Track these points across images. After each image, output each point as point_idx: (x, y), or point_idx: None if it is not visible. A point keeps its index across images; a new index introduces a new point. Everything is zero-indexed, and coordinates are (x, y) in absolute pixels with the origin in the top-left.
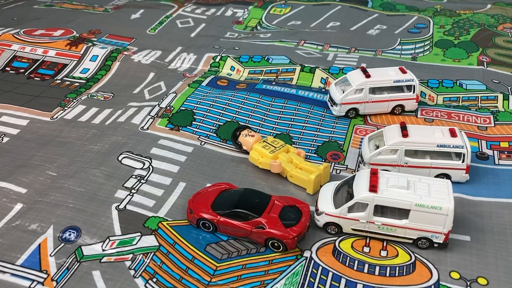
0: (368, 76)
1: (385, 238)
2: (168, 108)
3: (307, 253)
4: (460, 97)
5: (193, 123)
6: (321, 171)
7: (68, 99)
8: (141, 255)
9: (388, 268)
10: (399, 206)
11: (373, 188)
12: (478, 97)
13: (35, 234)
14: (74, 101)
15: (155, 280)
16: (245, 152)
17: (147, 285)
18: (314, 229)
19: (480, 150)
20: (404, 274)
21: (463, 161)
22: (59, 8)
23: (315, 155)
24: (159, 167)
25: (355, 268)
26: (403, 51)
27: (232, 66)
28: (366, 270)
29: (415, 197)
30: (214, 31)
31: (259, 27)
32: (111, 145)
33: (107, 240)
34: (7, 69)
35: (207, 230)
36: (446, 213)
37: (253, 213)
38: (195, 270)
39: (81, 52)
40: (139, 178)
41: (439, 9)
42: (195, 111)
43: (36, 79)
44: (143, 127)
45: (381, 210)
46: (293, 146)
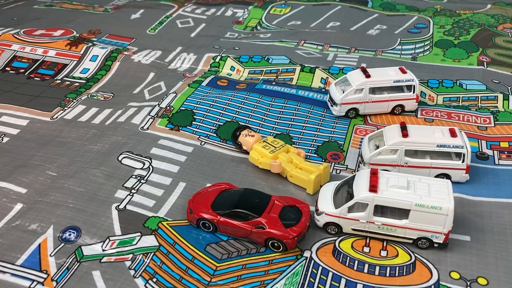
0: (368, 76)
1: (385, 238)
2: (168, 108)
3: (307, 253)
4: (460, 97)
5: (193, 123)
6: (321, 171)
7: (68, 99)
8: (141, 255)
9: (388, 268)
10: (399, 206)
11: (373, 188)
12: (478, 97)
13: (35, 234)
14: (74, 101)
15: (155, 280)
16: (245, 152)
17: (147, 285)
18: (314, 229)
19: (480, 150)
20: (404, 274)
21: (463, 161)
22: (59, 8)
23: (315, 155)
24: (159, 167)
25: (355, 268)
26: (403, 51)
27: (232, 66)
28: (366, 270)
29: (415, 197)
30: (214, 31)
31: (259, 27)
32: (111, 145)
33: (107, 240)
34: (7, 69)
35: (207, 230)
36: (446, 213)
37: (253, 213)
38: (195, 270)
39: (81, 52)
40: (139, 178)
41: (439, 9)
42: (195, 111)
43: (36, 79)
44: (143, 127)
45: (381, 210)
46: (293, 146)
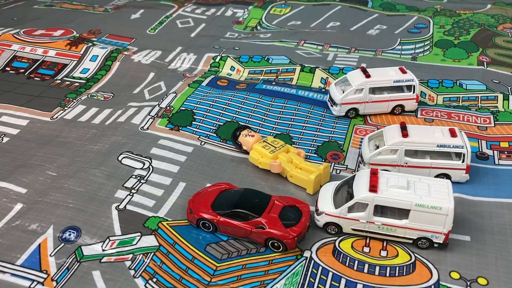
0: (368, 76)
1: (385, 238)
2: (168, 108)
3: (307, 253)
4: (460, 97)
5: (193, 123)
6: (321, 171)
7: (68, 99)
8: (141, 255)
9: (388, 268)
10: (399, 206)
11: (373, 188)
12: (478, 97)
13: (35, 234)
14: (74, 101)
15: (155, 280)
16: (245, 152)
17: (147, 285)
18: (314, 229)
19: (480, 150)
20: (404, 274)
21: (463, 161)
22: (59, 8)
23: (315, 155)
24: (159, 167)
25: (355, 268)
26: (403, 51)
27: (232, 66)
28: (366, 270)
29: (415, 197)
30: (214, 31)
31: (259, 27)
32: (111, 145)
33: (107, 240)
34: (7, 69)
35: (207, 230)
36: (446, 213)
37: (253, 213)
38: (195, 270)
39: (81, 52)
40: (139, 178)
41: (439, 9)
42: (195, 111)
43: (36, 79)
44: (143, 127)
45: (381, 210)
46: (293, 146)
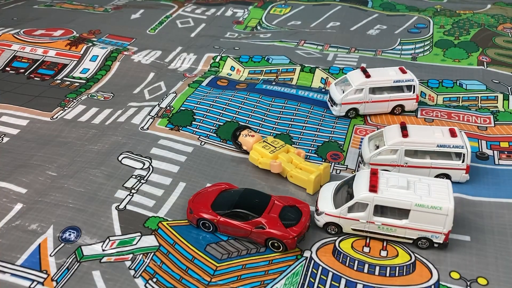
0: (368, 76)
1: (385, 238)
2: (168, 108)
3: (307, 253)
4: (460, 97)
5: (193, 123)
6: (321, 171)
7: (68, 99)
8: (141, 255)
9: (388, 268)
10: (399, 206)
11: (373, 188)
12: (478, 97)
13: (35, 234)
14: (74, 101)
15: (155, 280)
16: (245, 152)
17: (147, 285)
18: (314, 229)
19: (480, 150)
20: (404, 274)
21: (463, 161)
22: (59, 8)
23: (315, 155)
24: (159, 167)
25: (355, 268)
26: (403, 51)
27: (232, 66)
28: (366, 270)
29: (415, 197)
30: (214, 31)
31: (259, 27)
32: (111, 145)
33: (107, 240)
34: (7, 69)
35: (207, 230)
36: (446, 213)
37: (253, 213)
38: (195, 270)
39: (81, 52)
40: (139, 178)
41: (439, 9)
42: (195, 111)
43: (36, 79)
44: (143, 127)
45: (381, 210)
46: (293, 146)
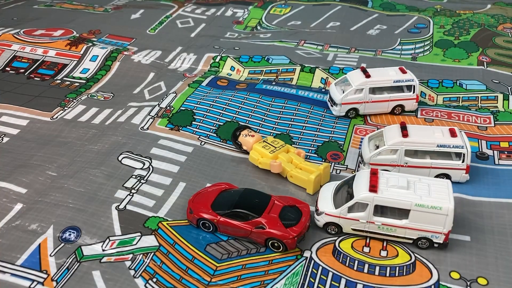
0: (368, 76)
1: (385, 238)
2: (168, 108)
3: (307, 253)
4: (460, 97)
5: (193, 123)
6: (321, 171)
7: (68, 99)
8: (141, 255)
9: (388, 268)
10: (399, 206)
11: (373, 188)
12: (478, 97)
13: (35, 234)
14: (74, 101)
15: (155, 280)
16: (245, 152)
17: (147, 285)
18: (314, 229)
19: (480, 150)
20: (404, 274)
21: (463, 161)
22: (59, 8)
23: (315, 155)
24: (159, 167)
25: (355, 268)
26: (403, 51)
27: (232, 66)
28: (366, 270)
29: (415, 197)
30: (214, 31)
31: (259, 27)
32: (111, 145)
33: (107, 240)
34: (7, 69)
35: (207, 230)
36: (446, 213)
37: (253, 213)
38: (195, 270)
39: (81, 52)
40: (139, 178)
41: (439, 9)
42: (195, 111)
43: (36, 79)
44: (143, 127)
45: (381, 210)
46: (293, 146)
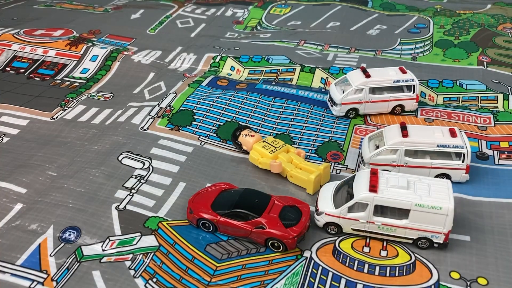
0: (368, 76)
1: (385, 238)
2: (168, 108)
3: (307, 253)
4: (460, 97)
5: (193, 123)
6: (321, 171)
7: (68, 99)
8: (141, 255)
9: (388, 268)
10: (399, 206)
11: (373, 188)
12: (478, 97)
13: (35, 234)
14: (74, 101)
15: (155, 280)
16: (245, 152)
17: (147, 285)
18: (314, 229)
19: (480, 150)
20: (404, 274)
21: (463, 161)
22: (59, 8)
23: (315, 155)
24: (159, 167)
25: (355, 268)
26: (403, 51)
27: (232, 66)
28: (366, 270)
29: (415, 197)
30: (214, 31)
31: (259, 27)
32: (111, 145)
33: (107, 240)
34: (7, 69)
35: (207, 230)
36: (446, 213)
37: (253, 213)
38: (195, 270)
39: (81, 52)
40: (139, 178)
41: (439, 9)
42: (195, 111)
43: (36, 79)
44: (143, 127)
45: (381, 210)
46: (293, 146)
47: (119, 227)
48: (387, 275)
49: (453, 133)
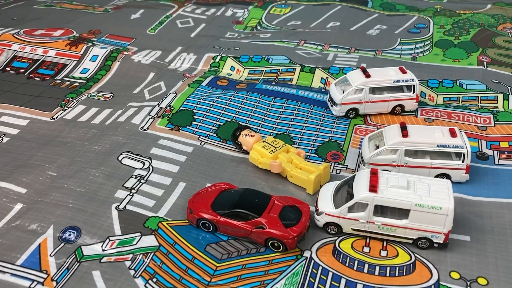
0: (368, 76)
1: (385, 238)
2: (168, 108)
3: (307, 253)
4: (460, 97)
5: (193, 123)
6: (321, 171)
7: (68, 99)
8: (141, 255)
9: (388, 268)
10: (399, 206)
11: (373, 188)
12: (478, 97)
13: (35, 234)
14: (74, 101)
15: (155, 280)
16: (245, 152)
17: (147, 285)
18: (314, 229)
19: (480, 150)
20: (404, 274)
21: (463, 161)
22: (59, 8)
23: (315, 155)
24: (159, 167)
25: (355, 268)
26: (403, 51)
27: (232, 66)
28: (366, 270)
29: (415, 197)
30: (214, 31)
31: (259, 27)
32: (111, 145)
33: (107, 240)
34: (7, 69)
35: (207, 230)
36: (446, 213)
37: (253, 213)
38: (195, 270)
39: (81, 52)
40: (139, 178)
41: (439, 9)
42: (195, 111)
43: (36, 79)
44: (143, 127)
45: (381, 210)
46: (293, 146)
47: (119, 227)
48: (387, 275)
49: (453, 133)
